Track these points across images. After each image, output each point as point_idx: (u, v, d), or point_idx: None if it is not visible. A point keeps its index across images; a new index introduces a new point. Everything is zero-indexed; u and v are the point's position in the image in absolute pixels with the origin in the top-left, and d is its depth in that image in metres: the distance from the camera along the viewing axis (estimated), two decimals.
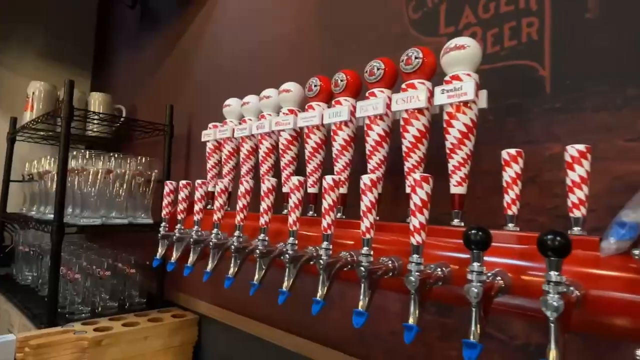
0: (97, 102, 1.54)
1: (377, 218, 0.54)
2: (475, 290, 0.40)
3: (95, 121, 1.43)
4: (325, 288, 0.54)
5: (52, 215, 1.08)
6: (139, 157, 1.25)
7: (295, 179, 0.61)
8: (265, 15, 1.11)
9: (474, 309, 0.41)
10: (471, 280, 0.41)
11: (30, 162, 1.52)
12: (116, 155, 1.21)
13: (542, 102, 0.59)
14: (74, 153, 1.18)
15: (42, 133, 1.53)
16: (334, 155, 0.68)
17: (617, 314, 0.38)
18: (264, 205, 0.66)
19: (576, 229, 0.45)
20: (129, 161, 1.22)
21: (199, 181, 0.80)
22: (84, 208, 1.15)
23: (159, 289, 1.27)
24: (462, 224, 0.54)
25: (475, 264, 0.41)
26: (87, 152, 1.19)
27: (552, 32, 0.60)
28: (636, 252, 0.37)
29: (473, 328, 0.41)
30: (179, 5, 1.46)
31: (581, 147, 0.45)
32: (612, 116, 0.54)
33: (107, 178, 1.19)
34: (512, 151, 0.50)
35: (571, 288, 0.38)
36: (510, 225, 0.50)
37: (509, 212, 0.50)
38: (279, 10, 1.07)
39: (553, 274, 0.36)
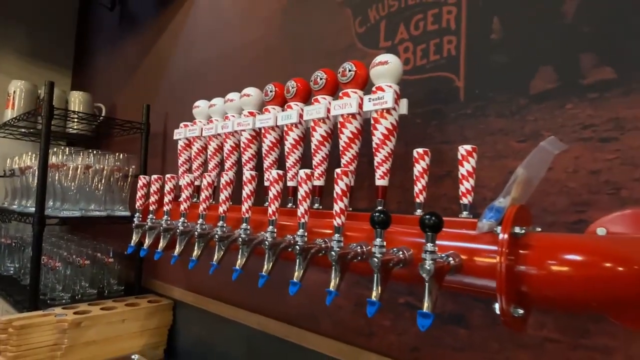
0: (77, 100, 1.61)
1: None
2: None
3: (75, 119, 1.50)
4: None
5: (33, 208, 1.15)
6: (117, 154, 1.33)
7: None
8: (233, 25, 1.20)
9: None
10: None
11: (12, 158, 1.57)
12: (95, 152, 1.29)
13: (457, 109, 0.70)
14: (55, 149, 1.25)
15: (23, 130, 1.59)
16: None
17: (482, 276, 0.49)
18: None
19: (465, 213, 0.56)
20: (107, 157, 1.30)
21: (168, 175, 0.90)
22: (64, 201, 1.23)
23: (137, 277, 1.35)
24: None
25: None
26: (67, 149, 1.26)
27: (466, 49, 0.71)
28: (498, 229, 0.48)
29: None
30: (157, 6, 1.54)
31: (468, 147, 0.56)
32: (507, 122, 0.65)
33: (87, 173, 1.27)
34: (420, 150, 0.60)
35: (444, 256, 0.49)
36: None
37: (417, 201, 0.61)
38: (246, 20, 1.16)
39: (429, 246, 0.47)
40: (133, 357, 1.14)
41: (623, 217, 0.53)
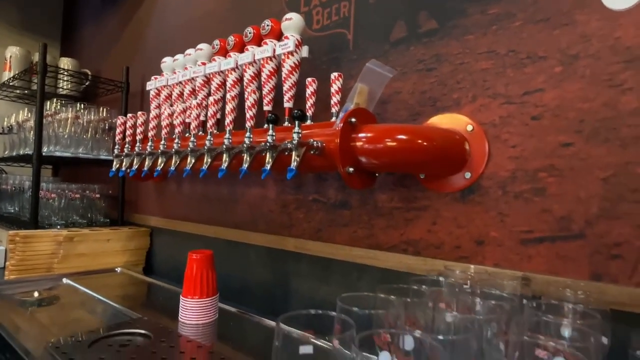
0: (66, 66, 1.84)
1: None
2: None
3: (65, 78, 1.73)
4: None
5: (31, 152, 1.40)
6: (102, 107, 1.57)
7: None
8: None
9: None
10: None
11: (8, 118, 1.81)
12: (84, 105, 1.53)
13: (347, 55, 0.97)
14: (48, 103, 1.49)
15: (18, 92, 1.82)
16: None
17: (332, 153, 0.76)
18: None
19: (334, 118, 0.83)
20: (93, 110, 1.54)
21: (139, 113, 1.15)
22: (57, 145, 1.48)
23: (120, 212, 1.61)
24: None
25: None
26: (59, 102, 1.51)
27: (355, 11, 0.97)
28: (339, 124, 0.74)
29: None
30: None
31: (335, 73, 0.82)
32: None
33: (76, 123, 1.51)
34: (310, 79, 0.87)
35: (312, 140, 0.76)
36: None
37: (309, 114, 0.87)
38: None
39: (296, 129, 0.73)
40: (117, 269, 1.41)
41: (432, 121, 0.80)
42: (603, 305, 0.55)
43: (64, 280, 1.25)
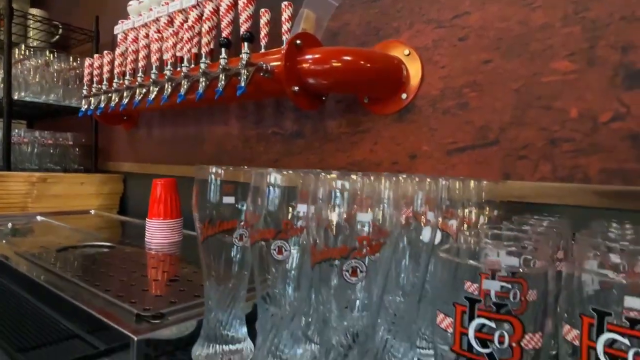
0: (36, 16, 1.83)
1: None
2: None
3: (33, 25, 1.73)
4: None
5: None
6: (72, 56, 1.59)
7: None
8: None
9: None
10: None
11: None
12: (54, 52, 1.55)
13: None
14: (17, 51, 1.51)
15: None
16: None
17: (280, 75, 0.82)
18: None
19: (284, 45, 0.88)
20: (63, 58, 1.56)
21: (105, 52, 1.19)
22: (27, 92, 1.50)
23: (94, 160, 1.66)
24: None
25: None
26: (29, 49, 1.52)
27: None
28: (285, 46, 0.80)
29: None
30: None
31: (286, 1, 0.88)
32: None
33: (46, 71, 1.53)
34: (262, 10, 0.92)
35: (261, 63, 0.81)
36: None
37: (262, 43, 0.93)
38: None
39: (245, 51, 0.79)
40: (91, 211, 1.47)
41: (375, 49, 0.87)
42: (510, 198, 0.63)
43: (38, 218, 1.30)
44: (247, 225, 0.41)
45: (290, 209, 0.37)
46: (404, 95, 0.83)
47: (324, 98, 0.91)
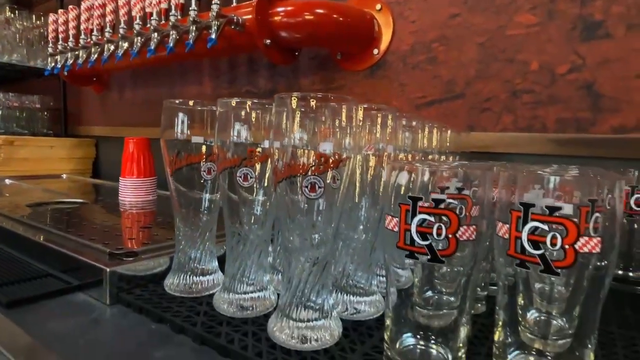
0: None
1: None
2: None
3: None
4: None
5: None
6: (34, 15, 1.51)
7: None
8: None
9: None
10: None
11: None
12: (17, 11, 1.47)
13: None
14: None
15: None
16: None
17: (251, 28, 0.81)
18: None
19: None
20: (25, 15, 1.48)
21: (70, 7, 1.14)
22: None
23: (63, 124, 1.61)
24: None
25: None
26: None
27: None
28: None
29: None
30: None
31: None
32: None
33: (7, 29, 1.46)
34: None
35: (232, 15, 0.80)
36: None
37: None
38: None
39: (215, 2, 0.78)
40: (63, 175, 1.44)
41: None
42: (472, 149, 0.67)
43: (7, 181, 1.27)
44: (214, 157, 0.43)
45: (255, 138, 0.39)
46: (375, 51, 0.84)
47: (297, 53, 0.91)
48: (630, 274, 0.54)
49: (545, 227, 0.25)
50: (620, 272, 0.55)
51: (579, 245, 0.24)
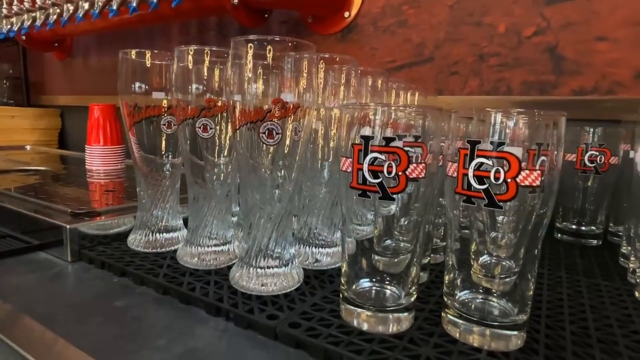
0: None
1: None
2: None
3: None
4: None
5: None
6: None
7: None
8: None
9: None
10: None
11: None
12: None
13: None
14: None
15: None
16: None
17: None
18: None
19: None
20: None
21: None
22: None
23: (25, 94, 1.54)
24: None
25: None
26: None
27: None
28: None
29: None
30: None
31: None
32: None
33: None
34: None
35: None
36: None
37: None
38: None
39: None
40: (27, 146, 1.38)
41: None
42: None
43: None
44: (174, 110, 0.42)
45: (213, 88, 0.38)
46: (346, 14, 0.83)
47: (266, 15, 0.89)
48: (583, 227, 0.57)
49: (490, 163, 0.26)
50: (573, 226, 0.58)
51: (520, 178, 0.25)
